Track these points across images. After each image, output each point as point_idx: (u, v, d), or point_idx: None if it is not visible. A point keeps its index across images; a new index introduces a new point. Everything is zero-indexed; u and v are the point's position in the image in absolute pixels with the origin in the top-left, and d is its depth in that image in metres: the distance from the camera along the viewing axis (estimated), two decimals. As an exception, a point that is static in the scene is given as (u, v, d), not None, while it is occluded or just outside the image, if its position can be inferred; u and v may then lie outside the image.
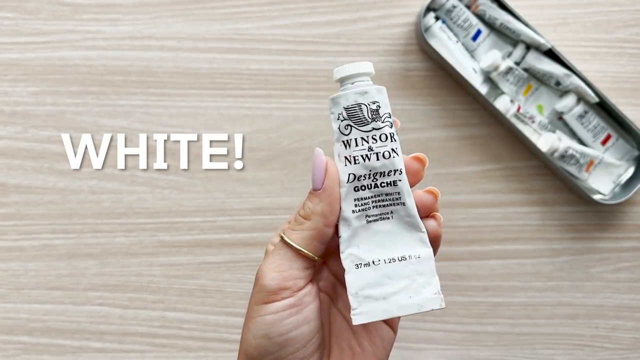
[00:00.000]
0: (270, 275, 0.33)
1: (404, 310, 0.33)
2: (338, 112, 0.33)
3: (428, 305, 0.33)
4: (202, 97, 0.59)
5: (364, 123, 0.32)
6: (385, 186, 0.33)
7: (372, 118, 0.33)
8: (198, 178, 0.59)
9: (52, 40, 0.59)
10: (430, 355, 0.60)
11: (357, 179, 0.33)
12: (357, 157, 0.33)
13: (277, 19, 0.59)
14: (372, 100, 0.33)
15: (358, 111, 0.32)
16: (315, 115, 0.59)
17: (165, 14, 0.59)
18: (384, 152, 0.32)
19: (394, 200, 0.33)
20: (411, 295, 0.33)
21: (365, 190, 0.33)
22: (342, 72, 0.33)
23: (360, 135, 0.32)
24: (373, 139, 0.32)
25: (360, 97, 0.32)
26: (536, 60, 0.58)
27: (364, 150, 0.33)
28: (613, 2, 0.61)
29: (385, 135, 0.33)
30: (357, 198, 0.33)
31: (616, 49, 0.61)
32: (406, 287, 0.33)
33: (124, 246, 0.59)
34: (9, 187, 0.59)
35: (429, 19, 0.58)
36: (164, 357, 0.59)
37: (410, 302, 0.33)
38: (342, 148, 0.33)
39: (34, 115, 0.59)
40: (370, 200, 0.33)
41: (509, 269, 0.60)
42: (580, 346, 0.61)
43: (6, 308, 0.59)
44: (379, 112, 0.33)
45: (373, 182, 0.33)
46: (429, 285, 0.34)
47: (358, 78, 0.33)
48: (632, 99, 0.61)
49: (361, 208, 0.33)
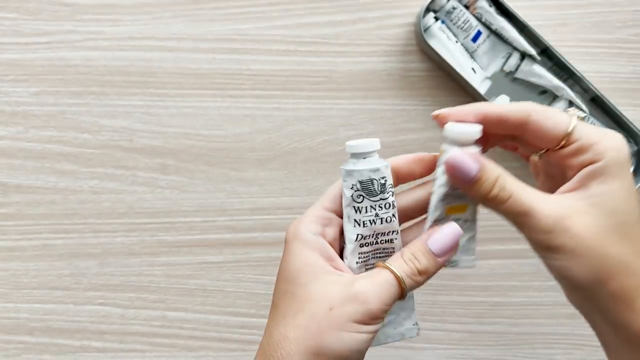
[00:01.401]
0: (375, 300, 0.36)
1: (390, 338, 0.41)
2: (352, 182, 0.38)
3: (408, 334, 0.41)
4: (202, 98, 0.59)
5: (374, 194, 0.38)
6: (384, 243, 0.39)
7: (380, 190, 0.38)
8: (198, 178, 0.59)
9: (52, 40, 0.59)
10: (430, 354, 0.60)
11: (364, 238, 0.39)
12: (366, 222, 0.39)
13: (277, 19, 0.59)
14: (382, 176, 0.38)
15: (370, 185, 0.38)
16: (315, 116, 0.60)
17: (165, 15, 0.59)
18: (387, 217, 0.39)
19: (389, 252, 0.40)
20: (396, 327, 0.41)
21: (368, 246, 0.39)
22: (356, 148, 0.38)
23: (370, 204, 0.38)
24: (379, 207, 0.38)
25: (373, 174, 0.38)
26: (529, 73, 0.58)
27: (372, 216, 0.39)
28: (612, 3, 0.61)
29: (389, 203, 0.39)
30: (360, 252, 0.39)
31: (615, 49, 0.61)
32: (392, 320, 0.40)
33: (125, 246, 0.59)
34: (9, 187, 0.59)
35: (429, 19, 0.58)
36: (164, 357, 0.59)
37: (394, 332, 0.41)
38: (352, 212, 0.39)
39: (35, 116, 0.59)
40: (370, 253, 0.39)
41: (509, 268, 0.61)
42: (580, 346, 0.61)
43: (7, 308, 0.59)
44: (385, 185, 0.38)
45: (375, 240, 0.39)
46: (409, 318, 0.41)
47: (369, 154, 0.38)
48: (632, 99, 0.61)
49: (363, 259, 0.39)
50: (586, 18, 0.61)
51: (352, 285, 0.36)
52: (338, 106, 0.60)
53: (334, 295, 0.36)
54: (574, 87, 0.59)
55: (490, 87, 0.59)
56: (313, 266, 0.37)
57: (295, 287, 0.37)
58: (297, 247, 0.38)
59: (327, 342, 0.35)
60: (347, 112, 0.60)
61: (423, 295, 0.60)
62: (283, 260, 0.39)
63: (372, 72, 0.60)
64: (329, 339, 0.35)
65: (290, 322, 0.36)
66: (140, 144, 0.59)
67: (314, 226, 0.39)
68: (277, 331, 0.37)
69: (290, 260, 0.38)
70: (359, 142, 0.38)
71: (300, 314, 0.36)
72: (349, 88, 0.60)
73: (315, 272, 0.37)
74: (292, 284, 0.37)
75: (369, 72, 0.60)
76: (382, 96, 0.60)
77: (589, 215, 0.34)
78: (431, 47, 0.56)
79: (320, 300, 0.36)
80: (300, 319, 0.36)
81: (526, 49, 0.58)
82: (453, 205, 0.39)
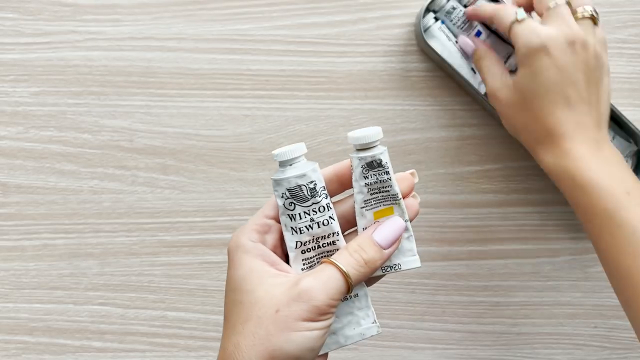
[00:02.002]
0: (321, 296, 0.36)
1: (350, 339, 0.40)
2: (282, 191, 0.38)
3: (368, 332, 0.40)
4: (202, 98, 0.59)
5: (305, 200, 0.38)
6: (326, 246, 0.40)
7: (311, 195, 0.38)
8: (198, 178, 0.60)
9: (53, 40, 0.59)
10: (430, 354, 0.60)
11: (303, 244, 0.39)
12: (302, 228, 0.39)
13: (278, 19, 0.60)
14: (309, 180, 0.38)
15: (299, 191, 0.38)
16: (315, 116, 0.60)
17: (165, 15, 0.59)
18: (323, 220, 0.39)
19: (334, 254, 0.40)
20: (354, 327, 0.40)
21: (310, 251, 0.39)
22: (281, 156, 0.38)
23: (303, 210, 0.39)
24: (313, 212, 0.39)
25: (300, 179, 0.38)
26: None
27: (307, 222, 0.39)
28: (612, 3, 0.61)
29: (323, 207, 0.39)
30: (304, 258, 0.39)
31: (615, 49, 0.61)
32: (349, 321, 0.40)
33: (125, 246, 0.59)
34: (10, 187, 0.59)
35: (429, 19, 0.58)
36: (164, 357, 0.60)
37: (354, 333, 0.40)
38: (288, 220, 0.39)
39: (35, 116, 0.59)
40: (315, 258, 0.40)
41: (508, 268, 0.61)
42: (580, 346, 0.61)
43: (7, 308, 0.59)
44: (315, 189, 0.38)
45: (316, 245, 0.39)
46: (366, 317, 0.40)
47: (295, 160, 0.39)
48: (632, 100, 0.61)
49: (309, 265, 0.40)
50: (586, 18, 0.60)
51: (297, 284, 0.37)
52: (338, 106, 0.60)
53: (278, 296, 0.37)
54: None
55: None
56: (257, 271, 0.38)
57: (242, 295, 0.38)
58: (240, 256, 0.39)
59: (277, 345, 0.36)
60: (347, 112, 0.60)
61: (423, 295, 0.60)
62: (228, 272, 0.39)
63: (372, 72, 0.60)
64: (279, 341, 0.36)
65: (240, 330, 0.37)
66: (140, 144, 0.59)
67: (253, 235, 0.39)
68: (229, 342, 0.37)
69: (234, 270, 0.39)
70: (283, 149, 0.38)
71: (249, 321, 0.37)
72: (349, 88, 0.60)
73: (260, 276, 0.38)
74: (238, 292, 0.38)
75: (369, 73, 0.60)
76: (382, 96, 0.60)
77: (510, 91, 0.51)
78: (431, 47, 0.57)
79: (266, 304, 0.37)
80: (250, 326, 0.36)
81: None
82: (378, 209, 0.40)
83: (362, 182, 0.39)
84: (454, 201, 0.60)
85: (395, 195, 0.40)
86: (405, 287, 0.60)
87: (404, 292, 0.60)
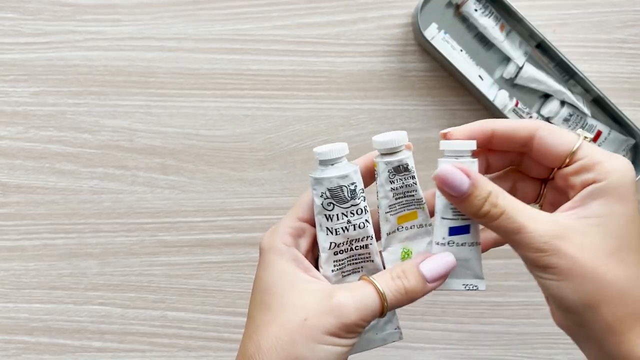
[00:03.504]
0: (353, 315, 0.35)
1: (372, 344, 0.40)
2: (321, 191, 0.37)
3: (390, 338, 0.40)
4: (202, 98, 0.59)
5: (344, 201, 0.38)
6: (359, 249, 0.39)
7: (350, 197, 0.38)
8: (198, 178, 0.60)
9: (53, 40, 0.59)
10: (430, 354, 0.60)
11: (337, 246, 0.38)
12: (338, 229, 0.38)
13: (277, 19, 0.60)
14: (351, 182, 0.37)
15: (339, 192, 0.37)
16: (315, 116, 0.60)
17: (165, 15, 0.59)
18: (360, 223, 0.38)
19: (365, 258, 0.39)
20: (377, 332, 0.40)
21: (343, 253, 0.39)
22: (323, 155, 0.37)
23: (341, 211, 0.38)
24: (351, 214, 0.38)
25: (342, 180, 0.37)
26: (529, 79, 0.59)
27: (344, 223, 0.38)
28: (612, 3, 0.61)
29: (361, 209, 0.38)
30: (335, 260, 0.39)
31: (615, 49, 0.61)
32: (373, 326, 0.39)
33: (125, 246, 0.59)
34: (10, 187, 0.59)
35: (432, 30, 0.58)
36: (164, 357, 0.60)
37: (376, 338, 0.40)
38: (324, 220, 0.38)
39: (35, 116, 0.59)
40: (346, 260, 0.39)
41: (508, 268, 0.61)
42: (580, 346, 0.61)
43: (7, 308, 0.59)
44: (355, 191, 0.38)
45: (349, 247, 0.39)
46: (390, 322, 0.40)
47: (337, 160, 0.38)
48: (632, 99, 0.61)
49: (339, 267, 0.39)
50: (586, 18, 0.61)
51: (331, 296, 0.35)
52: (338, 106, 0.60)
53: (309, 305, 0.36)
54: (576, 88, 0.60)
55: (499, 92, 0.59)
56: (289, 275, 0.37)
57: (271, 297, 0.37)
58: (273, 258, 0.38)
59: (300, 354, 0.35)
60: (347, 112, 0.60)
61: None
62: (258, 271, 0.38)
63: (372, 72, 0.60)
64: (301, 350, 0.35)
65: (264, 332, 0.36)
66: (140, 144, 0.59)
67: (287, 238, 0.38)
68: (251, 342, 0.36)
69: (266, 271, 0.38)
70: (326, 148, 0.37)
71: (274, 324, 0.36)
72: (349, 88, 0.60)
73: (292, 281, 0.37)
74: (267, 294, 0.37)
75: (368, 72, 0.60)
76: (382, 96, 0.60)
77: (586, 237, 0.33)
78: (430, 43, 0.56)
79: (295, 310, 0.36)
80: (274, 330, 0.35)
81: (510, 53, 0.58)
82: (402, 214, 0.39)
83: (388, 187, 0.38)
84: (454, 201, 0.60)
85: (420, 200, 0.39)
86: (405, 287, 0.60)
87: (404, 292, 0.60)
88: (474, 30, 0.59)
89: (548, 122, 0.37)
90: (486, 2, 0.58)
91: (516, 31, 0.59)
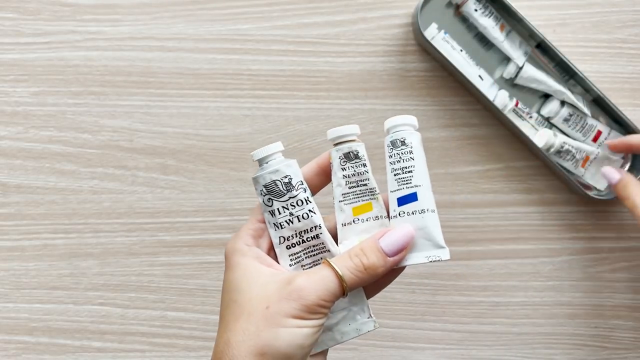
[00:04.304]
0: (311, 296, 0.36)
1: (346, 336, 0.40)
2: (259, 189, 0.40)
3: (364, 328, 0.40)
4: (202, 98, 0.59)
5: (281, 195, 0.39)
6: (310, 240, 0.40)
7: (287, 190, 0.39)
8: (198, 178, 0.60)
9: (53, 40, 0.59)
10: (429, 354, 0.60)
11: (286, 239, 0.40)
12: (282, 223, 0.39)
13: (277, 19, 0.60)
14: (284, 175, 0.39)
15: (274, 187, 0.39)
16: (315, 116, 0.60)
17: (165, 15, 0.59)
18: (302, 214, 0.39)
19: (321, 249, 0.40)
20: (349, 322, 0.40)
21: (295, 246, 0.40)
22: (256, 155, 0.40)
23: (281, 204, 0.39)
24: (292, 205, 0.39)
25: (274, 175, 0.39)
26: (529, 79, 0.58)
27: (287, 216, 0.39)
28: (612, 3, 0.61)
29: (301, 200, 0.39)
30: (290, 254, 0.40)
31: (615, 49, 0.61)
32: (344, 317, 0.40)
33: (125, 246, 0.59)
34: (10, 187, 0.59)
35: (432, 29, 0.58)
36: (164, 357, 0.60)
37: (349, 329, 0.40)
38: (269, 216, 0.40)
39: (35, 116, 0.59)
40: (302, 253, 0.40)
41: (508, 268, 0.61)
42: (580, 346, 0.61)
43: (7, 308, 0.59)
44: (291, 183, 0.39)
45: (300, 239, 0.40)
46: (362, 312, 0.40)
47: (270, 158, 0.40)
48: (632, 99, 0.61)
49: (296, 261, 0.40)
50: (586, 18, 0.61)
51: (290, 282, 0.37)
52: (338, 106, 0.60)
53: (270, 293, 0.37)
54: (575, 88, 0.60)
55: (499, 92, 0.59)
56: (253, 272, 0.38)
57: (237, 295, 0.38)
58: (237, 259, 0.39)
59: (267, 341, 0.36)
60: (347, 112, 0.60)
61: (423, 295, 0.60)
62: (225, 274, 0.40)
63: (372, 72, 0.60)
64: (267, 337, 0.36)
65: (232, 327, 0.37)
66: (140, 144, 0.59)
67: (249, 239, 0.40)
68: (221, 339, 0.37)
69: (231, 272, 0.39)
70: (259, 149, 0.40)
71: (241, 317, 0.37)
72: (349, 88, 0.60)
73: (255, 276, 0.38)
74: (234, 293, 0.38)
75: (368, 72, 0.60)
76: (382, 96, 0.60)
77: None
78: (430, 43, 0.56)
79: (258, 301, 0.37)
80: (241, 323, 0.37)
81: (509, 53, 0.58)
82: (357, 205, 0.40)
83: (340, 174, 0.39)
84: (454, 201, 0.60)
85: (373, 190, 0.40)
86: (405, 287, 0.60)
87: (404, 292, 0.60)
88: (474, 30, 0.59)
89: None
90: (486, 2, 0.58)
91: (516, 31, 0.59)
